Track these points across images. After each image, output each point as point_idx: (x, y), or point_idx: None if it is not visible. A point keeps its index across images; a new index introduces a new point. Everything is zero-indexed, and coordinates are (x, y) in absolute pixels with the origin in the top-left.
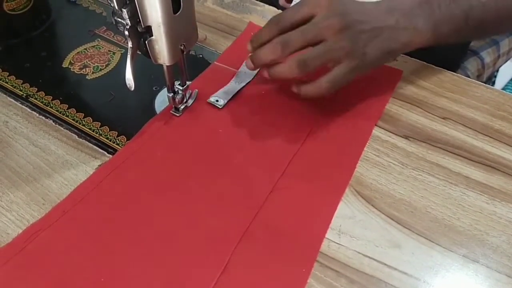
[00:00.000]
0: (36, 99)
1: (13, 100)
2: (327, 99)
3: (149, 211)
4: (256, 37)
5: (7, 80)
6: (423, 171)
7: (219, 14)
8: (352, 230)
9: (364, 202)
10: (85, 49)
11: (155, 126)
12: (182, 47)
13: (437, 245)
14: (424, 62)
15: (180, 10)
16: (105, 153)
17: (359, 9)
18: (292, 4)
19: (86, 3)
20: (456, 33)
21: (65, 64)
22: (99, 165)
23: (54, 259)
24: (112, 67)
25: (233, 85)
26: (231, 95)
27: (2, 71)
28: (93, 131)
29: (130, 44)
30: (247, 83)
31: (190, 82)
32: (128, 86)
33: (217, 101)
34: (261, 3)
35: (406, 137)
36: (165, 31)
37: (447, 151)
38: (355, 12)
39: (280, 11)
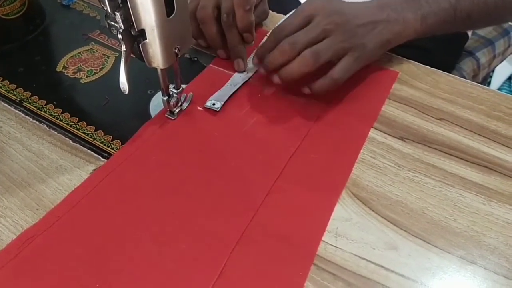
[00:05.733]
0: (30, 103)
1: (6, 105)
2: (323, 101)
3: (145, 216)
4: (261, 47)
5: (0, 85)
6: (419, 172)
7: None
8: (348, 232)
9: (360, 204)
10: (79, 53)
11: (150, 130)
12: (176, 50)
13: (434, 246)
14: (420, 64)
15: (174, 13)
16: (100, 157)
17: (352, 8)
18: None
19: (80, 7)
20: (444, 25)
21: (59, 68)
22: (94, 170)
23: (49, 265)
24: (106, 71)
25: (229, 88)
26: (227, 98)
27: None
28: (87, 135)
29: (123, 48)
30: (242, 86)
31: (185, 85)
32: (122, 89)
33: (213, 104)
34: None
35: (402, 138)
36: (159, 34)
37: (443, 152)
38: (349, 10)
39: (278, 15)
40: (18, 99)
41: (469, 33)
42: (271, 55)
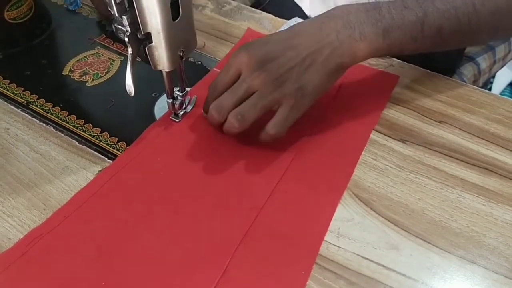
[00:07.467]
0: (36, 106)
1: (14, 108)
2: (325, 104)
3: (150, 216)
4: (205, 103)
5: (8, 88)
6: (420, 174)
7: (217, 21)
8: (350, 232)
9: (362, 205)
10: (85, 56)
11: (155, 131)
12: (181, 54)
13: (435, 246)
14: (420, 68)
15: (179, 17)
16: (106, 158)
17: (283, 47)
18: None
19: (86, 11)
20: (412, 42)
21: (65, 71)
22: (100, 171)
23: (56, 264)
24: (112, 74)
25: None
26: None
27: (3, 79)
28: (93, 137)
29: (130, 51)
30: None
31: (189, 88)
32: (128, 92)
33: None
34: (259, 11)
35: (402, 140)
36: (164, 37)
37: (443, 154)
38: (279, 53)
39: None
40: (25, 102)
41: None
42: (208, 118)
